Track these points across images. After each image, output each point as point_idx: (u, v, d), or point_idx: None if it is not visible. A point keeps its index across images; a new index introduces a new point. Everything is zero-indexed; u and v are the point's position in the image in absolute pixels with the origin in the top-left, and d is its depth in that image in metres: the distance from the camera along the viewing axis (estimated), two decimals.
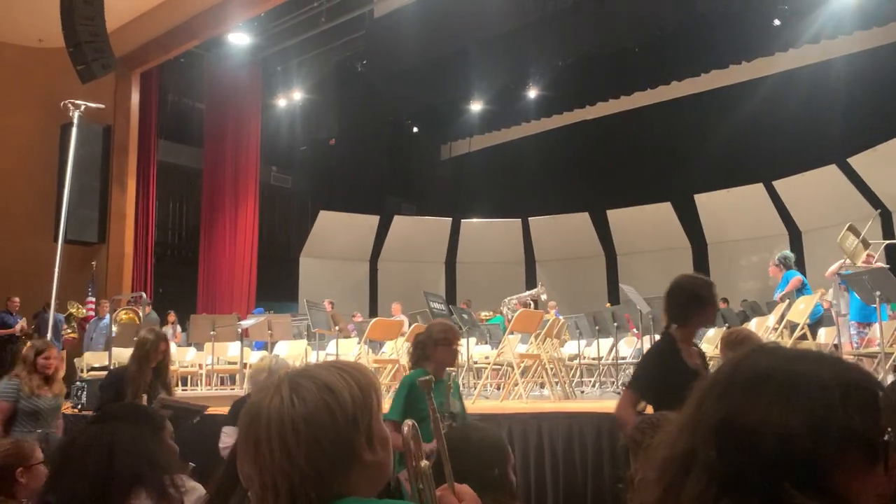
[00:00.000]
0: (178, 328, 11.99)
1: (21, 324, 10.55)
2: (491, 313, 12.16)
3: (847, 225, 7.54)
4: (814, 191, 13.04)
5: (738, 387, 0.88)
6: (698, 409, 0.91)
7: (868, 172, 12.44)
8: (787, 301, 7.19)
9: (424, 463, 1.17)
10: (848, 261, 7.31)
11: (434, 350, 3.43)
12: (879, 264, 7.33)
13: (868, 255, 7.36)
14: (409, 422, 1.20)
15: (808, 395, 0.84)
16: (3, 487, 2.71)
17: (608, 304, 12.37)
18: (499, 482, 2.10)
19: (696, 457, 0.86)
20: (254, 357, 9.71)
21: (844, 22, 11.98)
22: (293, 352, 9.52)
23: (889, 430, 0.84)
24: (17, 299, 10.57)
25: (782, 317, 7.19)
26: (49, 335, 6.17)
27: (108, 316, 10.58)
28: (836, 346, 6.78)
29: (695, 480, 0.85)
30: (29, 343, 4.90)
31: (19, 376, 4.50)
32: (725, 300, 11.88)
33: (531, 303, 11.20)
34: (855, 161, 12.56)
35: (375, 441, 1.11)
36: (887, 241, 8.49)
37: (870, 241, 7.60)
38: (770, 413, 0.83)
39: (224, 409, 4.67)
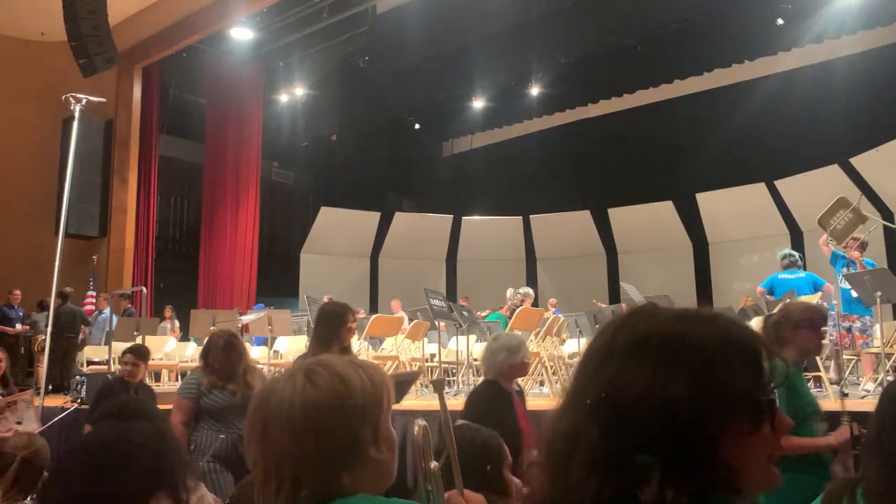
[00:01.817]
0: (176, 323, 12.00)
1: (24, 328, 10.58)
2: (489, 311, 12.15)
3: (836, 198, 6.72)
4: (816, 191, 13.00)
5: (617, 355, 0.80)
6: (577, 383, 0.83)
7: (870, 173, 12.42)
8: (788, 300, 7.17)
9: (434, 464, 1.16)
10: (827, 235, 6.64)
11: (794, 333, 2.89)
12: (856, 253, 6.70)
13: (852, 240, 6.64)
14: (420, 422, 1.19)
15: (688, 359, 0.77)
16: (28, 486, 2.71)
17: (595, 301, 12.32)
18: (490, 480, 2.09)
19: (579, 437, 0.79)
20: (253, 352, 9.71)
21: (848, 22, 11.95)
22: (293, 347, 9.52)
23: (772, 386, 0.80)
24: (17, 292, 10.58)
25: None
26: (49, 329, 6.16)
27: (107, 310, 10.59)
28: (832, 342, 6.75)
29: (578, 464, 0.78)
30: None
31: (201, 371, 4.05)
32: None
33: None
34: (857, 161, 12.54)
35: (381, 440, 1.11)
36: (882, 223, 7.54)
37: (866, 215, 6.79)
38: (648, 381, 0.76)
39: None
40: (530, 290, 10.06)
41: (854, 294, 6.54)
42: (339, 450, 1.07)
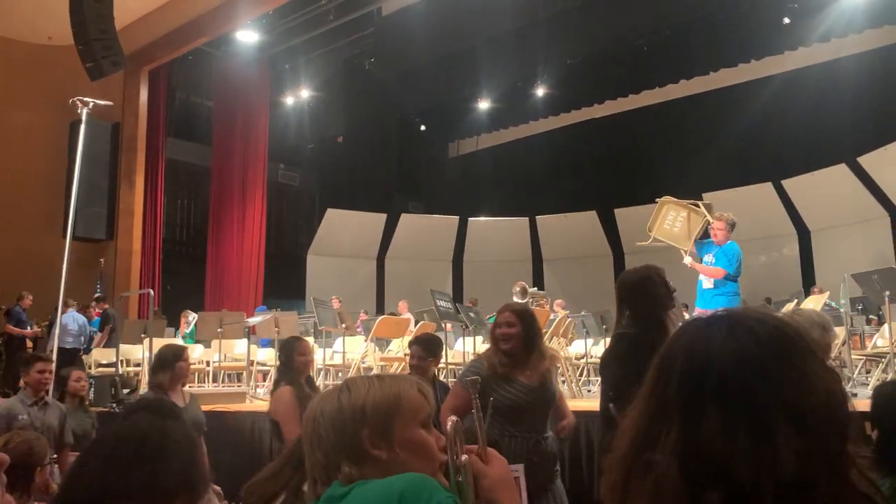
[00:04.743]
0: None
1: (34, 330, 10.60)
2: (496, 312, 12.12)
3: (663, 204, 6.39)
4: (823, 190, 12.96)
5: (774, 360, 0.80)
6: (741, 386, 0.79)
7: (878, 172, 12.37)
8: (796, 300, 7.15)
9: (465, 458, 1.23)
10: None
11: None
12: (721, 234, 6.09)
13: (718, 220, 6.10)
14: (452, 418, 1.25)
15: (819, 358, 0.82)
16: (22, 485, 2.73)
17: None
18: None
19: (770, 436, 0.77)
20: (260, 354, 9.70)
21: (855, 20, 11.90)
22: None
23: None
24: (30, 297, 10.59)
25: None
26: (57, 333, 6.20)
27: (69, 312, 10.47)
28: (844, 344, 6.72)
29: (788, 458, 0.75)
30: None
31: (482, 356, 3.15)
32: None
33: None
34: (865, 160, 12.49)
35: (395, 441, 1.19)
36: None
37: (707, 209, 6.33)
38: (820, 379, 0.79)
39: (231, 407, 4.60)
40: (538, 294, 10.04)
41: (705, 286, 6.03)
42: (335, 445, 1.19)
